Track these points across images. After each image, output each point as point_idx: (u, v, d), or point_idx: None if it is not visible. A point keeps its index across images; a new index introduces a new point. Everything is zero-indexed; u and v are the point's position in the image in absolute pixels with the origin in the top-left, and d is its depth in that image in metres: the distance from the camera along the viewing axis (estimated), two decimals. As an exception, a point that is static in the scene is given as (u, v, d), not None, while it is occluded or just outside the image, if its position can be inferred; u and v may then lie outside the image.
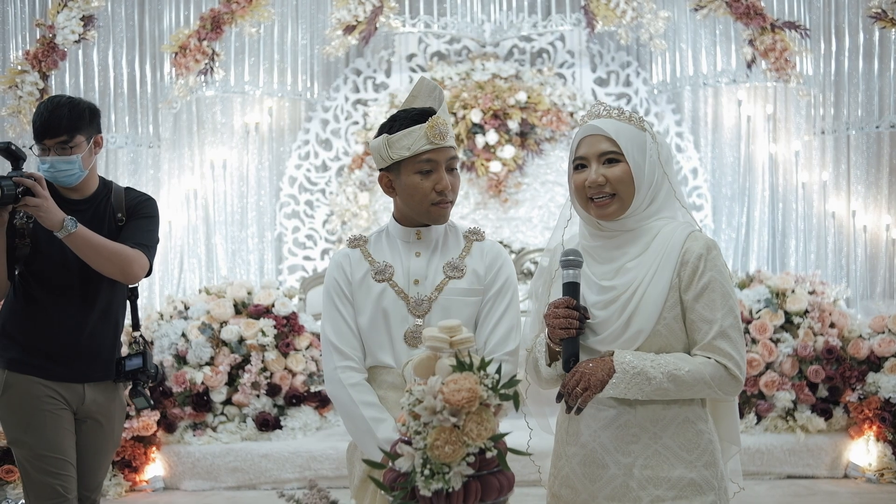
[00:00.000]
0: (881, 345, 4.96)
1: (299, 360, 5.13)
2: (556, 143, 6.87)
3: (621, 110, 2.12)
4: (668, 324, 2.01)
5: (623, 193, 2.05)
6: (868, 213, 6.43)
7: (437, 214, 2.26)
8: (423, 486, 1.55)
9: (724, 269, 2.04)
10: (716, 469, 2.04)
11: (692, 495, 1.99)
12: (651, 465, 2.00)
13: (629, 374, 1.96)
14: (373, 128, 6.79)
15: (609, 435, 2.03)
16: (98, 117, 2.80)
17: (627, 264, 2.06)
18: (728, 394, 2.02)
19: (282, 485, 4.84)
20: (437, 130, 2.19)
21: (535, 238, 6.84)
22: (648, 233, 2.07)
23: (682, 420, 2.02)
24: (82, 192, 2.79)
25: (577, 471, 2.07)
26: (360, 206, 6.81)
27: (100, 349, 2.80)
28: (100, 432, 2.83)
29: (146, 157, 6.56)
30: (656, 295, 2.00)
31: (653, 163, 2.07)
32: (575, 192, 2.12)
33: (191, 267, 6.72)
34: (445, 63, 6.98)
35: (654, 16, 6.25)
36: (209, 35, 6.02)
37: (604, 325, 2.04)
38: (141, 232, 2.76)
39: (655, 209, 2.09)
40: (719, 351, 1.99)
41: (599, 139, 2.08)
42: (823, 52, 6.39)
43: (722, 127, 6.89)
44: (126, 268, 2.68)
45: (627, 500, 2.00)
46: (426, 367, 1.70)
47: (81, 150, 2.71)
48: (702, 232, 2.09)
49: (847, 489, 4.68)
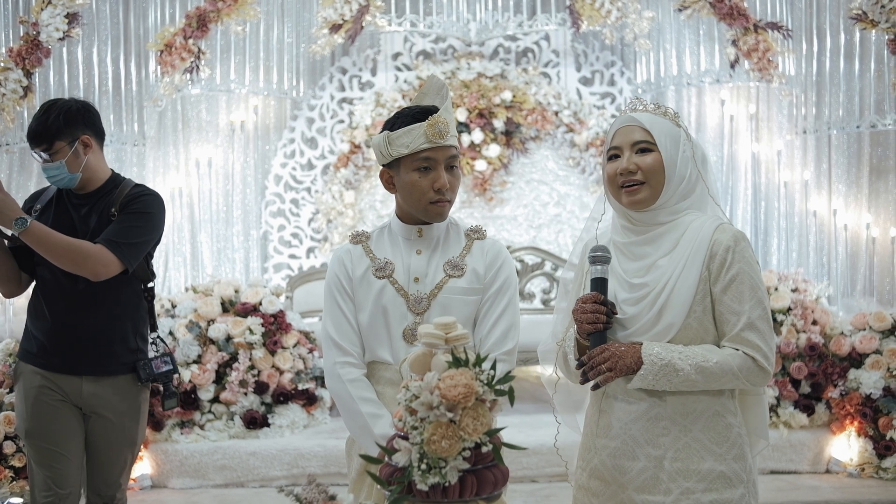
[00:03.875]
0: (862, 342, 5.03)
1: (287, 357, 5.14)
2: (541, 142, 6.91)
3: (658, 104, 2.15)
4: (699, 317, 2.02)
5: (653, 182, 2.07)
6: (849, 211, 6.50)
7: (435, 212, 2.28)
8: (420, 481, 1.57)
9: (752, 261, 2.04)
10: (745, 462, 2.05)
11: (722, 488, 2.00)
12: (681, 457, 2.02)
13: (657, 365, 1.97)
14: (358, 126, 6.80)
15: (640, 427, 2.04)
16: (82, 117, 2.83)
17: (659, 261, 2.07)
18: (756, 385, 2.04)
19: (270, 482, 4.85)
20: (437, 129, 2.20)
21: (520, 236, 6.87)
22: (678, 228, 2.08)
23: (712, 413, 2.04)
24: (85, 188, 2.86)
25: (608, 463, 2.08)
26: (345, 205, 6.82)
27: (101, 343, 2.81)
28: (108, 428, 2.84)
29: (131, 155, 6.53)
30: (686, 288, 2.01)
31: (685, 158, 2.09)
32: (608, 181, 2.13)
33: (176, 265, 6.70)
34: (431, 62, 7.00)
35: (638, 16, 6.29)
36: (195, 33, 6.00)
37: (634, 320, 2.05)
38: (117, 229, 2.77)
39: (687, 206, 2.10)
40: (747, 342, 2.00)
41: (633, 129, 2.11)
42: (805, 52, 6.46)
43: (705, 126, 6.94)
44: (82, 264, 2.69)
45: (657, 492, 2.02)
46: (422, 363, 1.72)
47: (63, 155, 2.77)
48: (730, 224, 2.10)
49: (829, 484, 4.74)
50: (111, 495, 2.89)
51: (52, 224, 2.77)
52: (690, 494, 1.99)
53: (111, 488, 2.88)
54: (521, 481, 4.53)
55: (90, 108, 2.89)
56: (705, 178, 2.12)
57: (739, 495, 2.01)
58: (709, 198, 2.14)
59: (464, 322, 2.21)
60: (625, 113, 2.15)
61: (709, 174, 2.15)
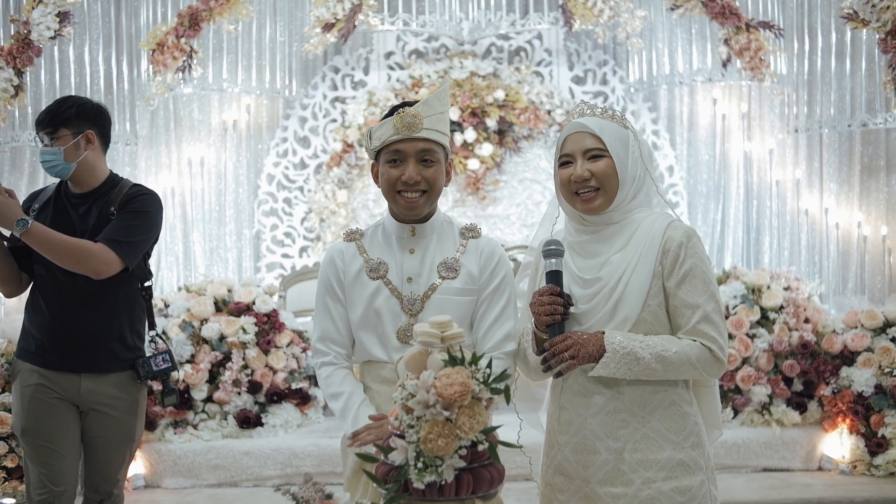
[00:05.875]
0: (854, 339, 5.04)
1: (280, 357, 5.14)
2: (533, 141, 6.92)
3: (605, 109, 2.19)
4: (653, 311, 2.08)
5: (607, 187, 2.12)
6: (840, 210, 6.52)
7: (404, 205, 2.27)
8: (416, 479, 1.58)
9: (703, 256, 2.11)
10: (703, 449, 2.11)
11: (682, 475, 2.06)
12: (640, 448, 2.07)
13: (619, 353, 2.02)
14: (351, 125, 6.79)
15: (599, 421, 2.09)
16: (94, 115, 2.89)
17: (612, 258, 2.12)
18: (711, 375, 2.10)
19: (263, 482, 4.84)
20: (405, 121, 2.22)
21: (512, 235, 6.87)
22: (630, 226, 2.14)
23: (668, 403, 2.09)
24: (83, 187, 2.89)
25: (570, 458, 2.13)
26: (338, 204, 6.81)
27: (99, 341, 2.82)
28: (107, 424, 2.85)
29: (123, 154, 6.51)
30: (640, 283, 2.06)
31: (635, 159, 2.14)
32: (561, 187, 2.18)
33: (168, 265, 6.68)
34: (423, 61, 6.99)
35: (630, 15, 6.30)
36: (187, 32, 5.98)
37: (590, 315, 2.10)
38: (117, 227, 2.79)
39: (637, 204, 2.16)
40: (703, 334, 2.06)
41: (584, 136, 2.14)
42: (797, 51, 6.48)
43: (697, 125, 6.96)
44: (84, 263, 2.72)
45: (620, 483, 2.06)
46: (418, 362, 1.73)
47: (65, 143, 2.82)
48: (680, 221, 2.16)
49: (821, 481, 4.76)
50: (109, 491, 2.90)
51: (50, 223, 2.80)
52: (652, 484, 2.04)
53: (109, 484, 2.90)
54: (516, 479, 4.53)
55: (104, 111, 2.95)
56: (651, 173, 2.19)
57: (699, 482, 2.07)
58: (655, 193, 2.20)
59: (459, 322, 2.21)
60: (570, 119, 2.19)
61: (654, 170, 2.21)
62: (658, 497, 2.04)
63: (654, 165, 2.25)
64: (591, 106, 2.19)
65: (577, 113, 2.19)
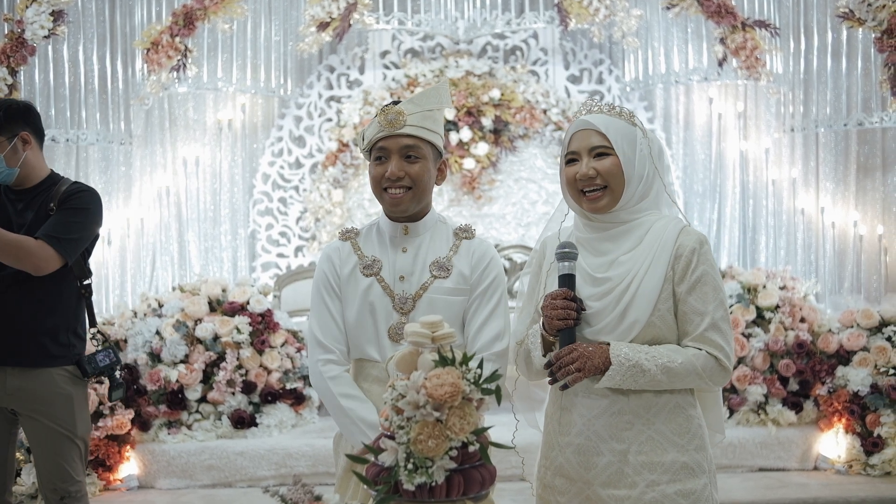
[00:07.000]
0: (850, 339, 5.04)
1: (275, 357, 5.12)
2: (529, 140, 6.91)
3: (612, 105, 2.16)
4: (662, 315, 2.06)
5: (614, 186, 2.09)
6: (836, 209, 6.52)
7: (388, 201, 2.28)
8: (407, 480, 1.56)
9: (714, 264, 2.10)
10: (706, 453, 2.10)
11: (686, 479, 2.04)
12: (645, 450, 2.05)
13: (625, 366, 2.00)
14: (346, 125, 6.78)
15: (603, 423, 2.07)
16: (23, 116, 2.89)
17: (621, 257, 2.10)
18: (717, 384, 2.09)
19: (257, 482, 4.83)
20: (387, 118, 2.24)
21: (508, 235, 6.86)
22: (640, 227, 2.12)
23: (672, 406, 2.07)
24: (23, 185, 2.90)
25: (572, 460, 2.10)
26: (333, 203, 6.80)
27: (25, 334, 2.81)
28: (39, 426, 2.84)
29: (118, 154, 6.50)
30: (651, 287, 2.04)
31: (643, 157, 2.11)
32: (567, 185, 2.15)
33: (163, 264, 6.67)
34: (419, 60, 6.98)
35: (626, 14, 6.29)
36: (181, 31, 5.96)
37: (599, 316, 2.08)
38: (56, 224, 2.80)
39: (647, 205, 2.14)
40: (711, 342, 2.05)
41: (590, 133, 2.11)
42: (793, 50, 6.47)
43: (693, 124, 6.95)
44: (24, 259, 2.73)
45: (623, 485, 2.04)
46: (408, 362, 1.71)
47: (2, 149, 2.82)
48: (692, 227, 2.15)
49: (817, 481, 4.75)
50: (66, 489, 2.87)
51: None
52: (655, 486, 2.03)
53: (65, 482, 2.88)
54: (509, 480, 4.52)
55: (31, 108, 2.95)
56: (662, 174, 2.16)
57: (702, 485, 2.06)
58: (665, 195, 2.18)
59: (450, 322, 2.20)
60: (579, 116, 2.16)
61: (665, 169, 2.18)
62: (662, 500, 2.02)
63: (666, 165, 2.21)
64: (599, 103, 2.17)
65: (584, 109, 2.16)
